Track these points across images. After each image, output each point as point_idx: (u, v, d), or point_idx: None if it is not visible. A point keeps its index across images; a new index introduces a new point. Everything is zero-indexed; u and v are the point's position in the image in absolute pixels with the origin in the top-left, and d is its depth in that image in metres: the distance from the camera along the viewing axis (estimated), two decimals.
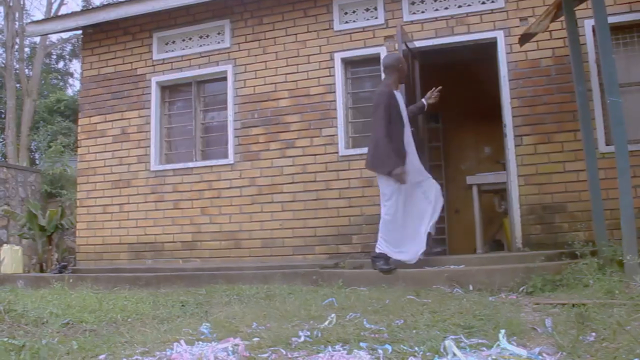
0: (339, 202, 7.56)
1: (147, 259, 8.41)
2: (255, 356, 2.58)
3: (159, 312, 4.43)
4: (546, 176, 6.91)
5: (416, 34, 7.56)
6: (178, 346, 2.69)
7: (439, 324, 3.24)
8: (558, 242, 6.60)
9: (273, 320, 3.58)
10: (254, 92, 8.22)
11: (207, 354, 2.48)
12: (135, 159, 8.76)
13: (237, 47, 8.46)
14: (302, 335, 2.92)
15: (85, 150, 9.15)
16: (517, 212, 6.94)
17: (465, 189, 8.31)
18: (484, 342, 2.71)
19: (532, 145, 7.01)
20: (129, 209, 8.66)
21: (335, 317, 3.47)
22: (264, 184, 7.94)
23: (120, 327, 3.58)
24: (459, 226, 9.33)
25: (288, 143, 7.89)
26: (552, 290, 5.07)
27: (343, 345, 2.72)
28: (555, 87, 7.02)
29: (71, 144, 16.77)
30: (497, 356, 2.32)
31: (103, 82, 9.19)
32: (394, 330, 3.10)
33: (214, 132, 8.68)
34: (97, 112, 9.12)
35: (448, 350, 2.04)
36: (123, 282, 6.87)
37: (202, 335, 3.14)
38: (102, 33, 9.29)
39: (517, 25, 7.21)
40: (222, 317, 3.78)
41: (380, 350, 2.55)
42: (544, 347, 2.72)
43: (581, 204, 6.59)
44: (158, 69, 8.91)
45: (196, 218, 8.24)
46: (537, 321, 3.55)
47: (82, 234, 8.92)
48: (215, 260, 7.98)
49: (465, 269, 5.68)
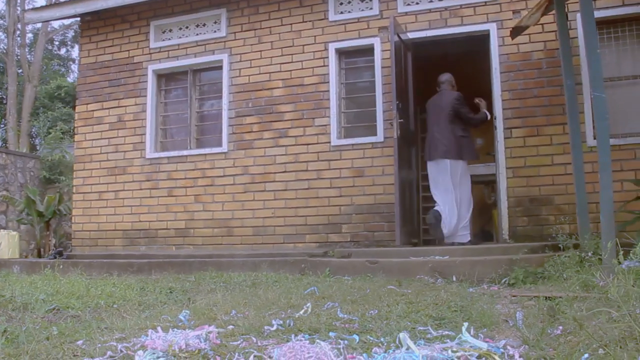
0: (329, 192, 7.64)
1: (141, 245, 8.52)
2: (227, 343, 2.66)
3: (146, 298, 4.51)
4: (534, 169, 6.99)
5: (410, 25, 7.61)
6: (153, 333, 2.77)
7: (412, 315, 3.31)
8: (544, 235, 6.69)
9: (252, 309, 3.66)
10: (248, 81, 8.29)
11: (179, 340, 2.56)
12: (131, 146, 8.85)
13: (233, 36, 8.52)
14: (275, 323, 3.00)
15: (82, 137, 9.25)
16: (505, 203, 7.02)
17: None
18: (450, 334, 2.77)
19: (522, 138, 7.08)
20: (124, 195, 8.76)
21: (311, 306, 3.55)
22: (256, 172, 8.03)
23: (103, 313, 3.67)
24: None
25: (281, 132, 7.97)
26: (534, 282, 5.13)
27: (311, 334, 2.81)
28: (546, 80, 7.08)
29: (71, 130, 16.84)
30: (458, 348, 2.39)
31: (100, 70, 9.26)
32: (366, 320, 3.17)
33: (208, 121, 8.77)
34: (94, 100, 9.21)
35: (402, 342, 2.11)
36: (116, 268, 6.97)
37: (179, 322, 3.22)
38: (100, 21, 9.35)
39: (510, 18, 7.26)
40: (203, 305, 3.86)
41: (346, 340, 2.63)
42: (509, 339, 2.78)
43: (568, 197, 6.66)
44: (155, 57, 8.98)
45: (189, 205, 8.34)
46: (511, 313, 3.60)
47: (77, 220, 9.03)
48: (207, 247, 8.10)
49: (449, 260, 5.74)
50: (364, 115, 7.80)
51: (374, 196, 7.46)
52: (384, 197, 7.37)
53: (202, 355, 2.45)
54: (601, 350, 2.16)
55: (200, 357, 2.43)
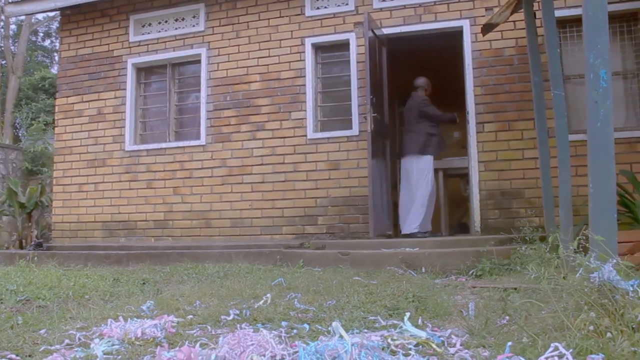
0: (306, 184, 7.76)
1: (121, 237, 8.61)
2: (182, 332, 2.78)
3: (118, 289, 4.61)
4: (506, 163, 7.13)
5: (385, 21, 7.72)
6: (113, 322, 2.89)
7: (367, 305, 3.44)
8: (514, 227, 6.78)
9: (217, 299, 3.78)
10: (226, 75, 8.38)
11: (135, 329, 2.68)
12: (111, 139, 8.92)
13: (211, 30, 8.59)
14: (232, 313, 3.13)
15: (62, 129, 9.31)
16: (477, 196, 7.16)
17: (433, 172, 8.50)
18: (397, 323, 2.90)
19: (493, 132, 7.22)
20: (104, 187, 8.84)
21: (274, 297, 3.68)
22: (234, 165, 8.14)
23: (70, 304, 3.78)
24: None
25: (258, 125, 8.07)
26: (499, 274, 5.25)
27: (265, 323, 2.94)
28: (517, 76, 7.21)
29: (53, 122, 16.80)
30: (398, 337, 2.52)
31: (80, 63, 9.31)
32: (322, 310, 3.30)
33: (187, 114, 8.85)
34: (74, 93, 9.26)
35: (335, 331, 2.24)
36: (94, 259, 7.06)
37: (142, 312, 3.34)
38: (80, 14, 9.39)
39: (483, 15, 7.38)
40: (169, 296, 3.98)
41: (295, 330, 2.76)
42: (456, 329, 2.92)
43: (538, 190, 6.78)
44: (134, 51, 9.04)
45: (168, 197, 8.44)
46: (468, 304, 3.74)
47: (57, 212, 9.10)
48: (185, 239, 8.20)
49: (419, 252, 5.87)
50: (340, 109, 7.92)
51: (349, 189, 7.58)
52: (359, 189, 7.50)
53: (156, 343, 2.57)
54: (525, 339, 2.28)
55: (153, 345, 2.55)
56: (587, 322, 2.14)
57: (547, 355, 2.02)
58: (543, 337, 2.26)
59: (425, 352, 2.39)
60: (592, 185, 2.71)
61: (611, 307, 2.17)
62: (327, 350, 2.01)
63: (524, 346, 2.23)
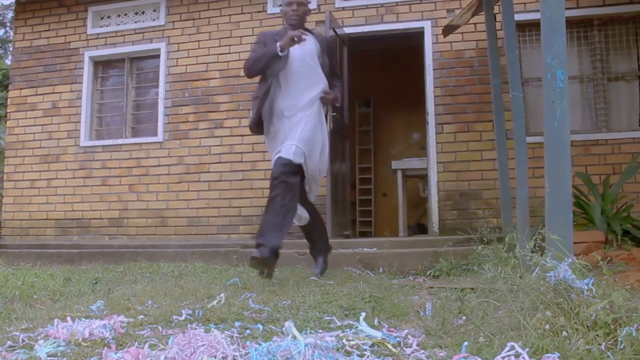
0: (264, 183, 7.63)
1: (74, 235, 8.42)
2: (132, 333, 2.69)
3: (68, 289, 4.47)
4: (464, 164, 7.17)
5: (347, 20, 7.70)
6: (59, 323, 2.78)
7: (323, 306, 3.38)
8: (472, 228, 6.81)
9: (170, 299, 3.68)
10: (185, 71, 8.26)
11: (83, 330, 2.58)
12: (65, 133, 8.72)
13: (171, 25, 8.47)
14: (184, 313, 3.04)
15: (14, 123, 9.07)
16: (435, 197, 7.19)
17: (392, 173, 8.53)
18: (353, 324, 2.85)
19: (452, 134, 7.26)
20: (57, 184, 8.63)
21: (228, 296, 3.60)
22: (191, 162, 8.03)
23: (17, 304, 3.64)
24: (385, 210, 9.59)
25: (217, 123, 7.97)
26: (457, 274, 5.27)
27: (218, 324, 2.86)
28: (477, 78, 7.27)
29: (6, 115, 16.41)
30: (354, 337, 2.48)
31: (35, 55, 9.08)
32: (278, 310, 3.24)
33: (144, 110, 8.70)
34: (28, 85, 9.03)
35: (288, 331, 2.19)
36: (45, 258, 6.86)
37: (92, 312, 3.23)
38: (36, 4, 9.16)
39: (444, 16, 7.42)
40: (120, 295, 3.87)
41: (249, 330, 2.69)
42: (412, 329, 2.89)
43: (496, 191, 6.84)
44: (92, 44, 8.85)
45: (124, 195, 8.28)
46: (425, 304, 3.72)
47: (8, 209, 8.85)
48: (141, 237, 8.06)
49: (377, 252, 5.86)
50: None
51: None
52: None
53: (104, 344, 2.48)
54: (482, 338, 2.27)
55: (101, 346, 2.45)
56: (543, 321, 2.13)
57: (504, 355, 2.00)
58: (499, 336, 2.24)
59: (380, 352, 2.34)
60: (549, 185, 2.71)
61: (566, 306, 2.17)
62: (280, 351, 1.95)
63: (480, 346, 2.21)
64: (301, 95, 4.54)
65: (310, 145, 4.47)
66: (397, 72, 9.17)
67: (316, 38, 4.72)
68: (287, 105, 4.54)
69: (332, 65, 4.90)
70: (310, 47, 4.60)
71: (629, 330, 1.95)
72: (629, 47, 7.24)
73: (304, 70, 4.57)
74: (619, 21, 7.21)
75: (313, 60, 4.61)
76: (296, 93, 4.55)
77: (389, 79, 9.35)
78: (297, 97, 4.55)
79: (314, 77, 4.61)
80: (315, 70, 4.62)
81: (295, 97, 4.54)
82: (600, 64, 7.20)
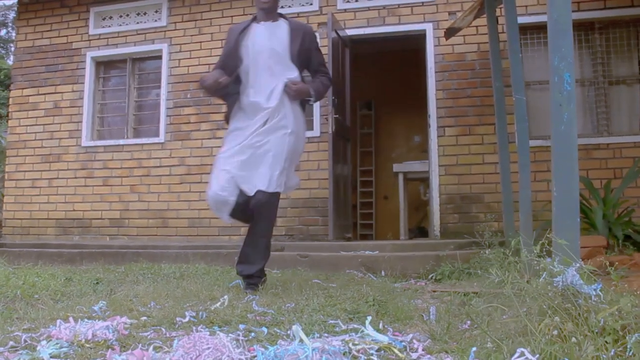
0: None
1: (75, 235, 8.40)
2: (135, 334, 2.68)
3: (70, 289, 4.46)
4: (466, 167, 7.16)
5: (349, 22, 7.69)
6: (62, 323, 2.77)
7: (327, 309, 3.37)
8: (474, 232, 6.83)
9: (172, 300, 3.67)
10: (187, 72, 8.25)
11: (86, 331, 2.57)
12: (67, 133, 8.71)
13: (173, 26, 8.46)
14: (187, 315, 3.03)
15: (16, 122, 9.06)
16: (437, 200, 7.18)
17: (394, 176, 8.52)
18: (358, 327, 2.84)
19: (454, 137, 7.24)
20: (58, 184, 8.61)
21: (230, 298, 3.59)
22: (193, 164, 8.01)
23: (18, 304, 3.63)
24: (386, 212, 9.57)
25: (218, 124, 7.94)
26: (459, 278, 5.24)
27: (222, 326, 2.85)
28: (479, 81, 7.25)
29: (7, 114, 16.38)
30: (360, 341, 2.46)
31: (37, 55, 9.07)
32: (281, 313, 3.22)
33: (146, 110, 8.69)
34: (30, 85, 9.02)
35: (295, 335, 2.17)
36: (46, 257, 6.85)
37: (94, 313, 3.22)
38: (38, 4, 9.16)
39: (446, 19, 7.41)
40: (123, 296, 3.86)
41: (254, 333, 2.68)
42: (417, 333, 2.87)
43: (497, 195, 6.83)
44: (94, 44, 8.84)
45: (125, 195, 8.26)
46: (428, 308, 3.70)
47: (9, 208, 8.84)
48: (142, 238, 8.04)
49: (378, 255, 5.85)
50: None
51: (309, 190, 7.52)
52: (319, 191, 7.45)
53: (107, 346, 2.46)
54: (490, 344, 2.25)
55: (104, 348, 2.44)
56: (551, 326, 2.11)
57: None
58: (507, 342, 2.23)
59: (387, 357, 2.33)
60: (556, 189, 2.69)
61: (574, 311, 2.15)
62: (287, 355, 1.94)
63: (488, 351, 2.19)
64: (265, 90, 4.19)
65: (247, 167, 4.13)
66: (398, 74, 9.16)
67: (290, 26, 4.36)
68: (250, 102, 4.22)
69: (312, 58, 4.43)
70: (281, 36, 4.28)
71: (638, 337, 1.93)
72: (629, 50, 7.24)
73: (270, 61, 4.21)
74: (620, 24, 7.21)
75: (283, 49, 4.24)
76: (258, 88, 4.20)
77: (391, 81, 9.34)
78: (259, 92, 4.19)
79: (281, 68, 4.23)
80: (283, 61, 4.23)
81: (258, 93, 4.20)
82: (601, 67, 7.20)
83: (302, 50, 4.29)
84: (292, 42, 4.25)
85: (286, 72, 4.22)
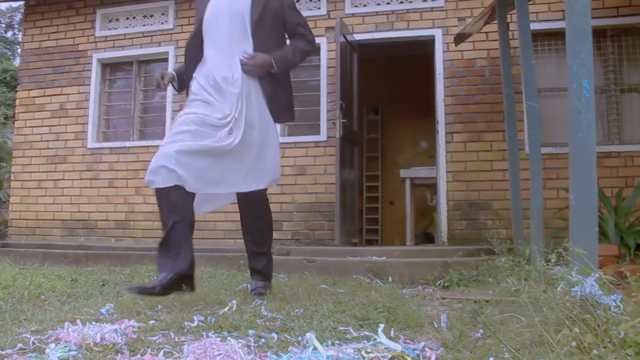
0: (271, 189, 7.52)
1: (80, 236, 8.38)
2: (144, 338, 2.63)
3: (76, 290, 4.43)
4: (474, 173, 7.11)
5: (357, 27, 7.66)
6: (70, 326, 2.73)
7: (337, 315, 3.33)
8: (481, 239, 6.78)
9: (180, 304, 3.63)
10: None
11: (94, 334, 2.53)
12: (73, 135, 8.69)
13: (179, 28, 8.44)
14: (196, 320, 2.99)
15: (22, 123, 9.05)
16: (444, 207, 7.13)
17: (400, 181, 8.48)
18: (369, 335, 2.79)
19: (463, 143, 7.20)
20: (64, 185, 8.59)
21: (239, 303, 3.55)
22: None
23: (25, 305, 3.59)
24: (392, 218, 9.53)
25: None
26: (468, 285, 5.20)
27: (231, 331, 2.81)
28: (488, 87, 7.21)
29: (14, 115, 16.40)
30: (372, 349, 2.42)
31: (44, 56, 9.06)
32: (291, 318, 3.18)
33: (152, 113, 8.67)
34: (36, 86, 9.01)
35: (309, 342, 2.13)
36: (52, 258, 6.83)
37: (101, 316, 3.18)
38: (45, 6, 9.15)
39: (455, 24, 7.37)
40: (129, 299, 3.81)
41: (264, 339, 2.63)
42: (429, 341, 2.82)
43: (506, 202, 6.79)
44: (100, 46, 8.83)
45: (130, 197, 8.23)
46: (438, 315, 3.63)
47: (15, 209, 8.83)
48: (147, 240, 7.99)
49: (386, 261, 5.80)
50: (308, 114, 7.80)
51: (316, 195, 7.48)
52: (325, 196, 7.41)
53: (116, 350, 2.42)
54: (507, 354, 2.20)
55: (113, 352, 2.40)
56: (569, 337, 2.06)
57: None
58: (524, 352, 2.18)
59: None
60: (574, 197, 2.65)
61: (593, 322, 2.11)
62: None
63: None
64: (220, 63, 3.71)
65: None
66: (405, 80, 9.13)
67: None
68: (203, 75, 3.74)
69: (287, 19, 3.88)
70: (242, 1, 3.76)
71: None
72: None
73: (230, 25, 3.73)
74: (633, 32, 7.16)
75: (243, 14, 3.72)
76: (212, 61, 3.74)
77: (398, 86, 9.32)
78: (213, 66, 3.72)
79: (240, 36, 3.73)
80: (242, 28, 3.72)
81: (211, 67, 3.72)
82: (613, 75, 7.15)
83: (268, 12, 3.74)
84: (253, 5, 3.73)
85: (243, 42, 3.72)
